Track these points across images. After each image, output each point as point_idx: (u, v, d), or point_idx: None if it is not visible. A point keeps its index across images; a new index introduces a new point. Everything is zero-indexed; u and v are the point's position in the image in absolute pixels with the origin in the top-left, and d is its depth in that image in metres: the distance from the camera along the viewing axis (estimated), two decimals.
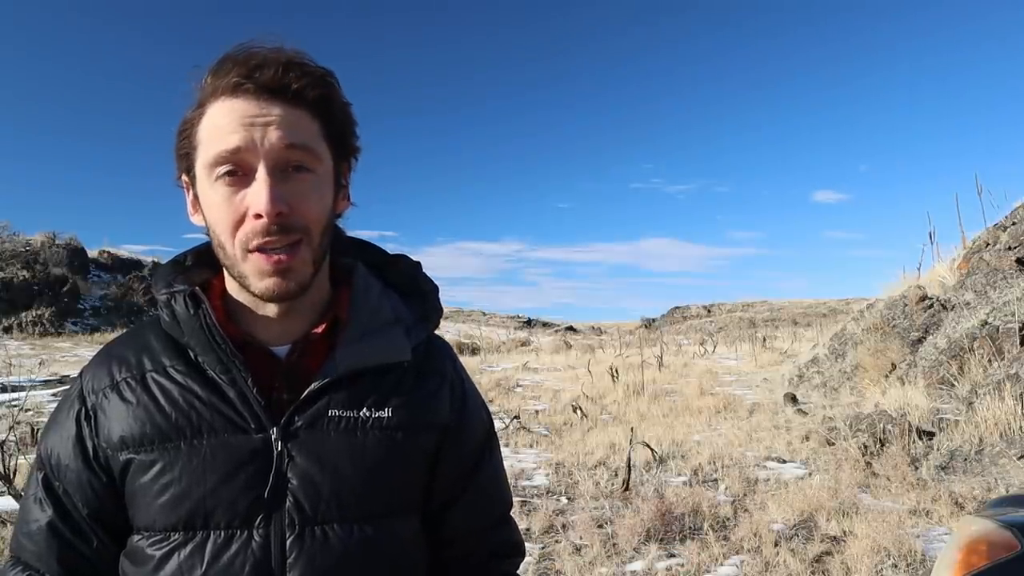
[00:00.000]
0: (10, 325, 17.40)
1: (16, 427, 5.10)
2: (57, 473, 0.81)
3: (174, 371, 0.80)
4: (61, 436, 0.82)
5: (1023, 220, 7.89)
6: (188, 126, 0.79)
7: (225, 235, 0.76)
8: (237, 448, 0.77)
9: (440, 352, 0.93)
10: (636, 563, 3.65)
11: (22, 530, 0.82)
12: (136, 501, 0.78)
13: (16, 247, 20.27)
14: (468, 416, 0.92)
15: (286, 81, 0.75)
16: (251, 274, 0.77)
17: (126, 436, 0.78)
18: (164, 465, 0.77)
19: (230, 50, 0.77)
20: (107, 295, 20.89)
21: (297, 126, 0.76)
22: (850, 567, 3.41)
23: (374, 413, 0.82)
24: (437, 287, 0.95)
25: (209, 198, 0.77)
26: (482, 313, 44.29)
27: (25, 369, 10.09)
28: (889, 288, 9.56)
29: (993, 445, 5.01)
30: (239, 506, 0.76)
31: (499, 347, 24.30)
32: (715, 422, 7.73)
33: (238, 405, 0.78)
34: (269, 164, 0.74)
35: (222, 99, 0.76)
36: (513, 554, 0.98)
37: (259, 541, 0.76)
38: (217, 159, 0.75)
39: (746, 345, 20.47)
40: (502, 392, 10.66)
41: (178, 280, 0.83)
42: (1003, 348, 6.10)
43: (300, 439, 0.79)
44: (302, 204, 0.76)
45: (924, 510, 4.19)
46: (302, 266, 0.77)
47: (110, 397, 0.81)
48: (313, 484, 0.78)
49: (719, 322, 41.57)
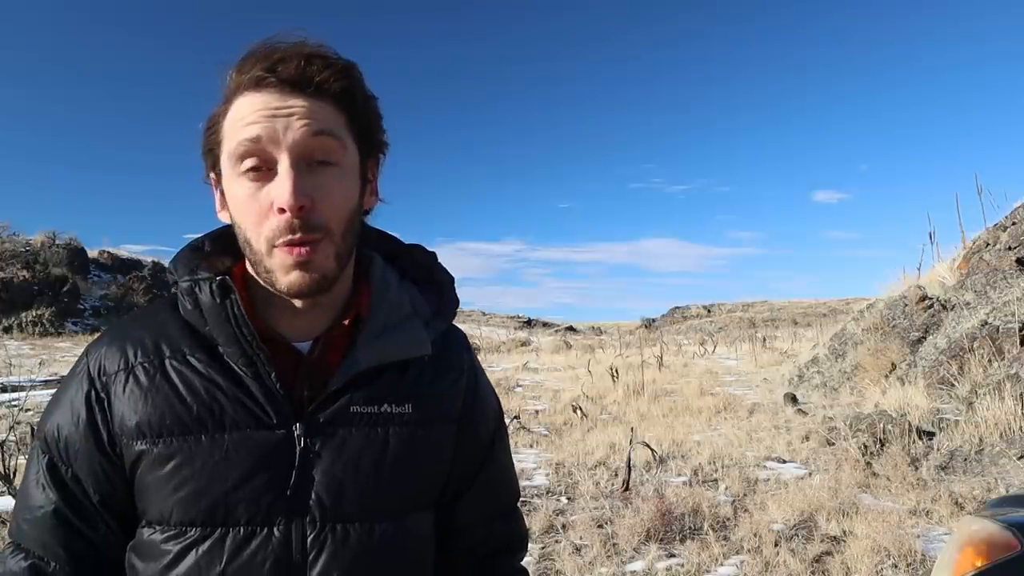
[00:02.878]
0: (10, 325, 17.40)
1: (16, 427, 5.10)
2: (65, 457, 0.78)
3: (195, 360, 0.78)
4: (70, 418, 0.78)
5: (1023, 220, 7.89)
6: (214, 122, 0.79)
7: (251, 231, 0.75)
8: (260, 444, 0.76)
9: (458, 343, 0.93)
10: (636, 563, 3.65)
11: (24, 516, 0.79)
12: (149, 493, 0.76)
13: (16, 247, 20.27)
14: (480, 404, 0.91)
15: (309, 74, 0.74)
16: (276, 269, 0.75)
17: (143, 424, 0.76)
18: (183, 458, 0.75)
19: (253, 46, 0.76)
20: (107, 295, 20.88)
21: (321, 116, 0.75)
22: (850, 567, 3.41)
23: (395, 408, 0.81)
24: (453, 278, 0.94)
25: (234, 193, 0.76)
26: (482, 313, 44.30)
27: (25, 369, 10.08)
28: (889, 288, 9.56)
29: (993, 445, 5.01)
30: (261, 503, 0.75)
31: (499, 347, 24.29)
32: (715, 422, 7.72)
33: (262, 399, 0.77)
34: (292, 156, 0.73)
35: (245, 94, 0.75)
36: (519, 547, 0.98)
37: (280, 538, 0.75)
38: (239, 149, 0.74)
39: (746, 345, 20.47)
40: (502, 392, 10.64)
41: (201, 267, 0.81)
42: (1003, 348, 6.10)
43: (323, 435, 0.78)
44: (326, 198, 0.75)
45: (924, 510, 4.19)
46: (324, 260, 0.75)
47: (124, 382, 0.78)
48: (336, 481, 0.77)
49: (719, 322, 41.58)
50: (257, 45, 0.76)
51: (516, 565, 0.97)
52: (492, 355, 20.19)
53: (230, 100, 0.77)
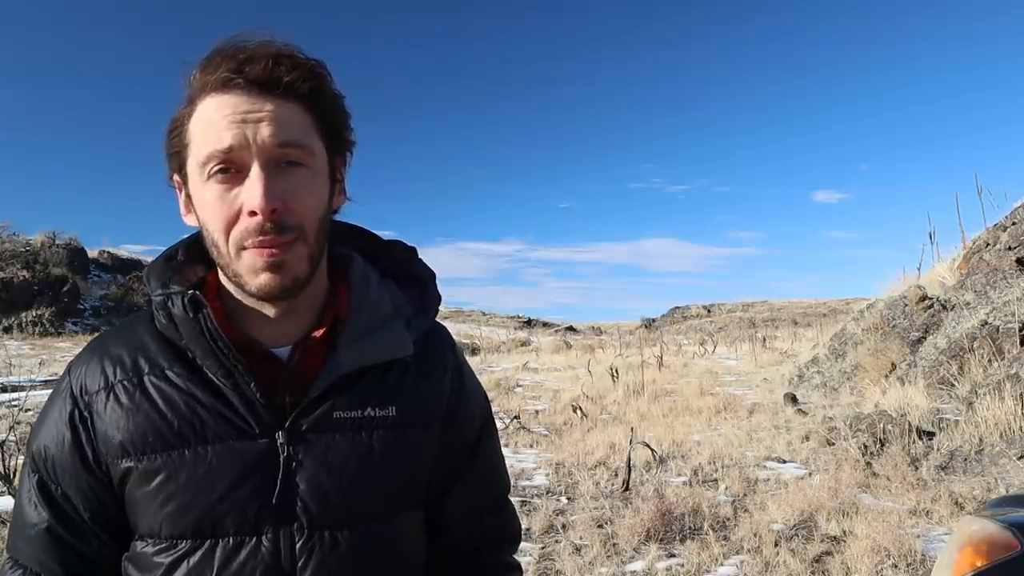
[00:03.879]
0: (10, 325, 17.40)
1: (16, 427, 5.10)
2: (53, 476, 0.79)
3: (173, 375, 0.77)
4: (55, 438, 0.79)
5: (1023, 220, 7.89)
6: (178, 124, 0.77)
7: (219, 234, 0.74)
8: (243, 454, 0.76)
9: (440, 341, 0.92)
10: (636, 563, 3.65)
11: (19, 533, 0.80)
12: (139, 509, 0.77)
13: (16, 247, 20.26)
14: (465, 403, 0.91)
15: (277, 74, 0.73)
16: (245, 272, 0.74)
17: (126, 443, 0.76)
18: (169, 474, 0.75)
19: (218, 44, 0.75)
20: (107, 295, 20.88)
21: (289, 121, 0.74)
22: (850, 567, 3.41)
23: (379, 412, 0.80)
24: (434, 273, 0.93)
25: (202, 197, 0.75)
26: (482, 313, 44.26)
27: (25, 369, 10.09)
28: (889, 288, 9.56)
29: (993, 445, 5.01)
30: (248, 513, 0.75)
31: (499, 347, 24.29)
32: (715, 422, 7.72)
33: (242, 410, 0.76)
34: (262, 160, 0.72)
35: (212, 95, 0.74)
36: (511, 541, 0.97)
37: (268, 547, 0.75)
38: (210, 158, 0.73)
39: (746, 345, 20.46)
40: (502, 392, 10.64)
41: (174, 279, 0.80)
42: (1003, 348, 6.10)
43: (306, 442, 0.77)
44: (297, 200, 0.74)
45: (924, 510, 4.19)
46: (297, 262, 0.75)
47: (105, 401, 0.77)
48: (321, 487, 0.77)
49: (719, 322, 41.57)
50: (222, 44, 0.75)
51: (507, 559, 0.97)
52: (492, 355, 20.18)
53: (195, 101, 0.76)
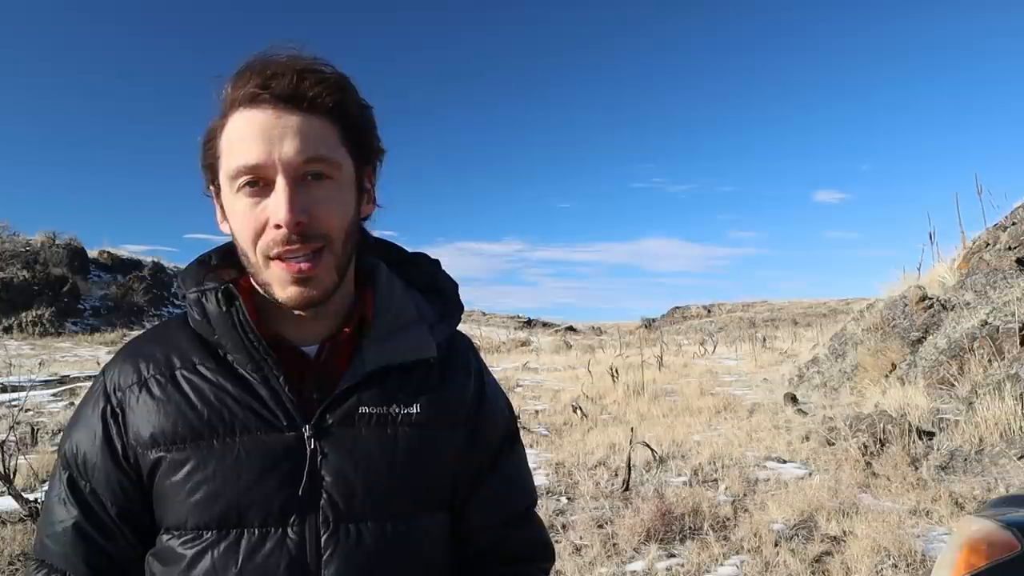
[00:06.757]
0: (10, 325, 17.41)
1: (16, 427, 5.10)
2: (84, 472, 0.81)
3: (204, 368, 0.81)
4: (87, 435, 0.81)
5: (1023, 220, 7.89)
6: (211, 137, 0.81)
7: (247, 244, 0.78)
8: (271, 446, 0.78)
9: (464, 348, 0.94)
10: (636, 563, 3.65)
11: (46, 532, 0.82)
12: (166, 500, 0.78)
13: (16, 247, 20.28)
14: (488, 408, 0.92)
15: (302, 89, 0.76)
16: (273, 282, 0.78)
17: (156, 434, 0.78)
18: (197, 463, 0.77)
19: (248, 59, 0.78)
20: (107, 295, 20.89)
21: (314, 136, 0.76)
22: (850, 567, 3.41)
23: (403, 409, 0.83)
24: (456, 284, 0.96)
25: (232, 208, 0.79)
26: (482, 313, 44.29)
27: (25, 369, 10.10)
28: (889, 288, 9.55)
29: (993, 445, 5.01)
30: (273, 504, 0.77)
31: (499, 347, 24.31)
32: (715, 422, 7.72)
33: (270, 403, 0.79)
34: (288, 175, 0.75)
35: (241, 110, 0.77)
36: (539, 556, 0.96)
37: (294, 539, 0.77)
38: (238, 172, 0.76)
39: (746, 345, 20.47)
40: None
41: (208, 278, 0.84)
42: (1003, 348, 6.10)
43: (332, 436, 0.80)
44: (322, 212, 0.77)
45: (924, 510, 4.19)
46: (325, 274, 0.78)
47: (138, 394, 0.81)
48: (346, 481, 0.79)
49: (719, 322, 41.58)
50: (252, 58, 0.78)
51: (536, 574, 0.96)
52: (492, 355, 20.19)
53: (226, 115, 0.79)
